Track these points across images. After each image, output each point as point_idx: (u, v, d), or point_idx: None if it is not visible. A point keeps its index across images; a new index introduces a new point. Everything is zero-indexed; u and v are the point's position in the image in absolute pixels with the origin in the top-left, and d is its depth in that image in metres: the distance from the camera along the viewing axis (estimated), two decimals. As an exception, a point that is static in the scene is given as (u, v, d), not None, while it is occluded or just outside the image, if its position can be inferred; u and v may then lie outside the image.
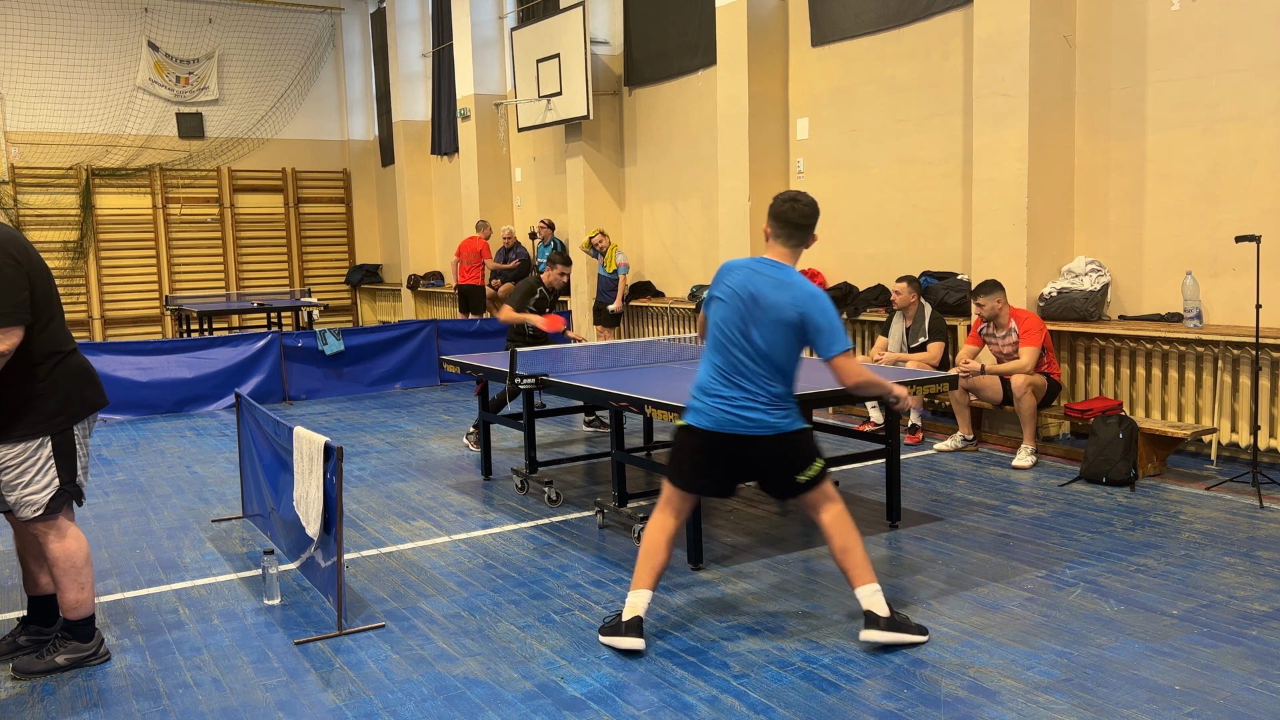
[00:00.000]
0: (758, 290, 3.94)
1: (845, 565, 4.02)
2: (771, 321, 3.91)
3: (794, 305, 3.89)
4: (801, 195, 4.06)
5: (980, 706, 3.45)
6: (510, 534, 5.69)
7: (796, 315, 3.89)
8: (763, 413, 3.95)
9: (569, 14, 12.61)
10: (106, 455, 8.25)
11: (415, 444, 8.33)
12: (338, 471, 4.13)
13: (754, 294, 3.95)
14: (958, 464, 7.01)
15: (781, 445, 4.01)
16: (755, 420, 3.95)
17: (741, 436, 3.98)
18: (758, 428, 3.96)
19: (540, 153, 14.91)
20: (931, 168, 8.91)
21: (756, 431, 3.96)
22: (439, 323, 11.64)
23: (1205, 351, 6.82)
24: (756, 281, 3.97)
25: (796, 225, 4.02)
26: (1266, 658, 3.76)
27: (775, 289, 3.93)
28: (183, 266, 18.62)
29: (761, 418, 3.95)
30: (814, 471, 4.05)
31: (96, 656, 4.03)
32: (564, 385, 5.61)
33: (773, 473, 4.08)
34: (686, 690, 3.65)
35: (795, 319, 3.89)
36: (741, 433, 3.97)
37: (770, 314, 3.91)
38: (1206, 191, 6.92)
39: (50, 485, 3.83)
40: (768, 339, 3.92)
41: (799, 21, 10.15)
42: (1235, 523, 5.44)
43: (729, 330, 3.99)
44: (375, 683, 3.80)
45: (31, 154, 17.25)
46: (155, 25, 18.09)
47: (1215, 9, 6.78)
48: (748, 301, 3.95)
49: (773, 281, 3.95)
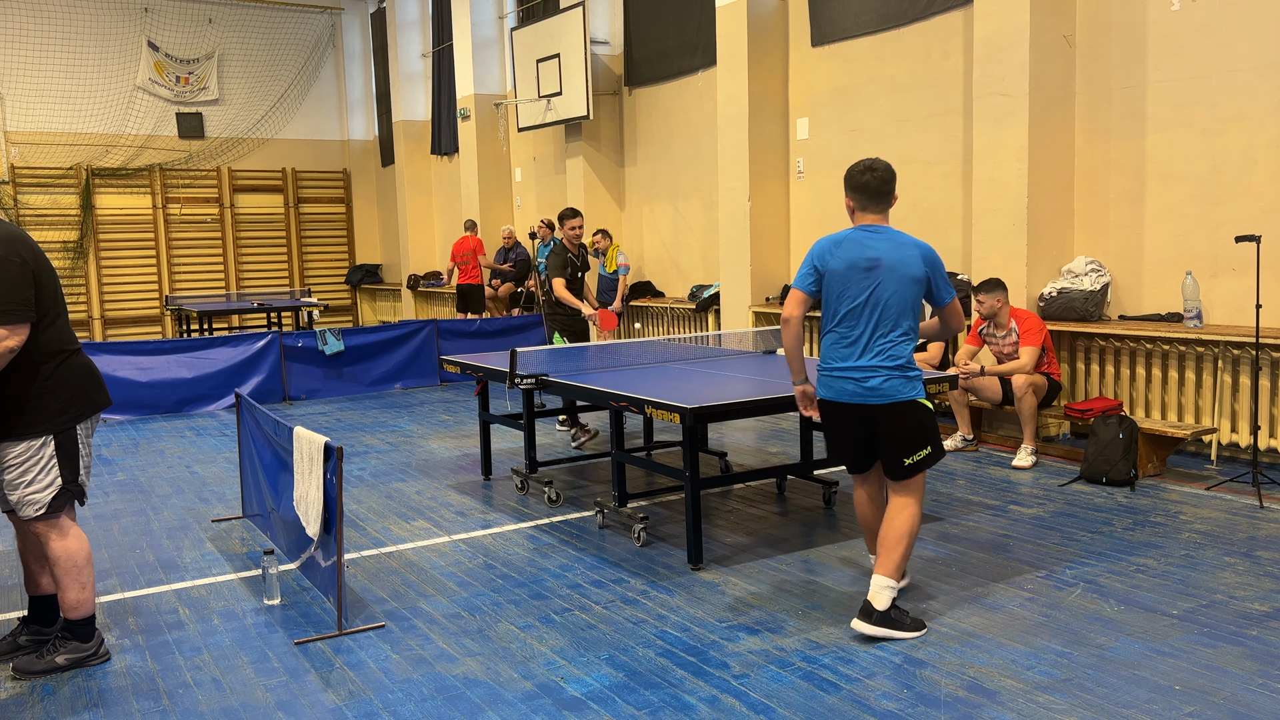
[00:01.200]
0: (879, 255, 4.08)
1: (884, 550, 4.10)
2: (896, 279, 4.05)
3: (921, 260, 4.09)
4: (877, 162, 4.20)
5: (980, 706, 3.45)
6: (510, 534, 5.69)
7: (923, 271, 4.09)
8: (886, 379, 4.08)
9: (569, 14, 12.61)
10: (106, 455, 8.25)
11: (415, 444, 8.32)
12: (338, 471, 4.13)
13: (876, 259, 4.08)
14: (958, 464, 7.01)
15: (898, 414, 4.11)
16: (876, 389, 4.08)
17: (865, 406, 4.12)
18: (880, 396, 4.08)
19: (540, 153, 14.91)
20: (931, 168, 8.91)
21: (878, 400, 4.09)
22: (439, 323, 11.64)
23: (1205, 351, 6.82)
24: (875, 249, 4.10)
25: (879, 192, 4.19)
26: (1266, 658, 3.76)
27: (897, 250, 4.08)
28: (183, 266, 18.62)
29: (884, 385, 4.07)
30: (920, 457, 4.12)
31: (96, 656, 4.03)
32: (564, 385, 5.61)
33: (889, 444, 4.16)
34: (686, 690, 3.65)
35: (922, 274, 4.09)
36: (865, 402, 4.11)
37: (894, 273, 4.05)
38: (1206, 191, 6.92)
39: (53, 484, 3.83)
40: (893, 298, 4.06)
41: (799, 21, 10.15)
42: (1235, 523, 5.44)
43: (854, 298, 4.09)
44: (375, 683, 3.80)
45: (31, 154, 17.25)
46: (155, 25, 18.10)
47: (1215, 9, 6.78)
48: (869, 267, 4.08)
49: (891, 244, 4.10)
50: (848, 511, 5.88)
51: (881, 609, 3.99)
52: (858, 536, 5.39)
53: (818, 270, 4.18)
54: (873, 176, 4.16)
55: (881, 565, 4.05)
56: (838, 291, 4.13)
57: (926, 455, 4.13)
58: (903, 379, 4.08)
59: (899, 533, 4.08)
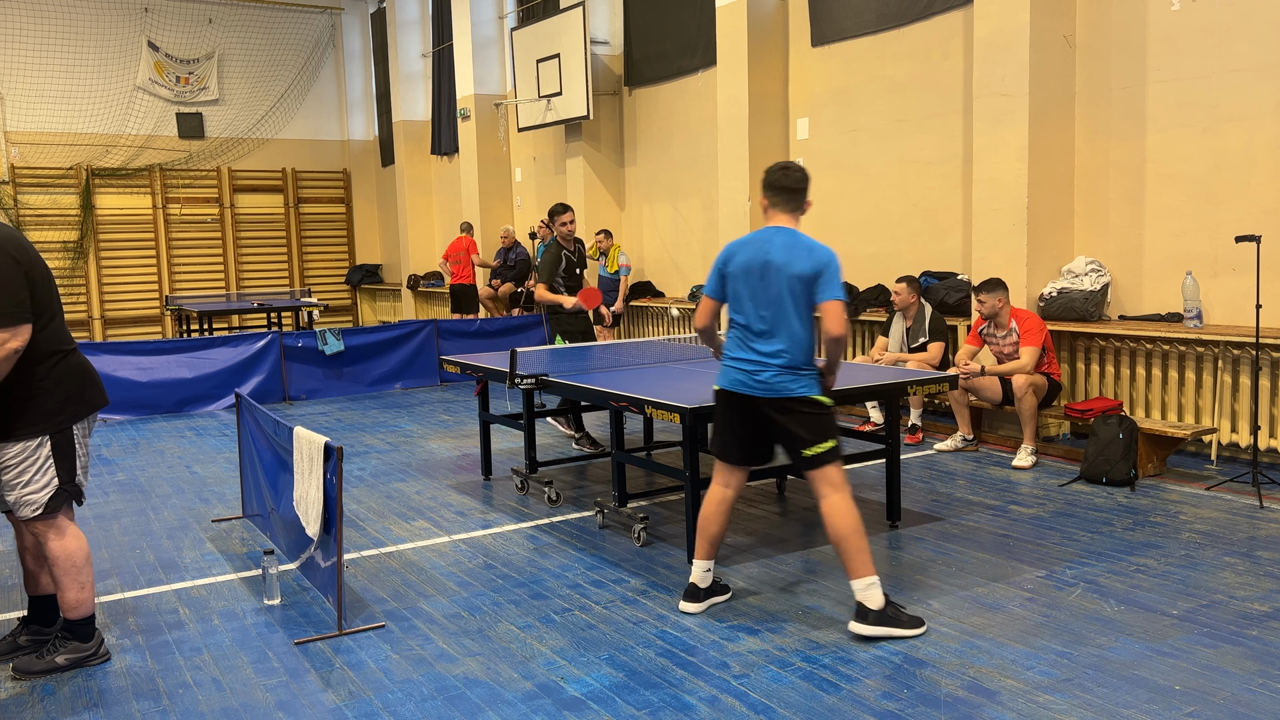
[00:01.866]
0: (770, 257, 4.13)
1: (841, 556, 4.09)
2: (784, 278, 4.09)
3: (808, 259, 4.08)
4: (791, 163, 4.31)
5: (980, 706, 3.45)
6: (510, 534, 5.69)
7: (811, 269, 4.08)
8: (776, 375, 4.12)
9: (569, 14, 12.61)
10: (106, 455, 8.25)
11: (415, 444, 8.32)
12: (338, 471, 4.13)
13: (767, 260, 4.13)
14: (958, 464, 7.01)
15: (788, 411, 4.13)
16: (765, 383, 4.13)
17: (753, 398, 4.17)
18: (767, 390, 4.13)
19: (540, 153, 14.91)
20: (931, 168, 8.90)
21: (765, 394, 4.13)
22: (439, 323, 11.64)
23: (1205, 351, 6.82)
24: (769, 250, 4.15)
25: (791, 190, 4.24)
26: (1266, 658, 3.76)
27: (785, 251, 4.11)
28: (183, 266, 18.63)
29: (772, 380, 4.12)
30: (819, 450, 4.11)
31: (96, 656, 4.03)
32: (564, 385, 5.60)
33: (785, 440, 4.21)
34: (686, 690, 3.65)
35: (809, 273, 4.07)
36: (752, 394, 4.16)
37: (782, 273, 4.09)
38: (1206, 191, 6.92)
39: (49, 485, 3.83)
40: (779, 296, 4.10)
41: (799, 21, 10.15)
42: (1235, 523, 5.44)
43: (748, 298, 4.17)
44: (375, 683, 3.80)
45: (31, 154, 17.25)
46: (155, 25, 18.09)
47: (1215, 9, 6.78)
48: (762, 268, 4.13)
49: (784, 245, 4.13)
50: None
51: (876, 608, 4.00)
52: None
53: (721, 274, 4.30)
54: (785, 175, 4.25)
55: (850, 568, 4.05)
56: (735, 291, 4.23)
57: (829, 449, 4.13)
58: (793, 374, 4.13)
59: (846, 529, 4.07)
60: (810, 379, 4.17)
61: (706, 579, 4.38)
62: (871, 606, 4.00)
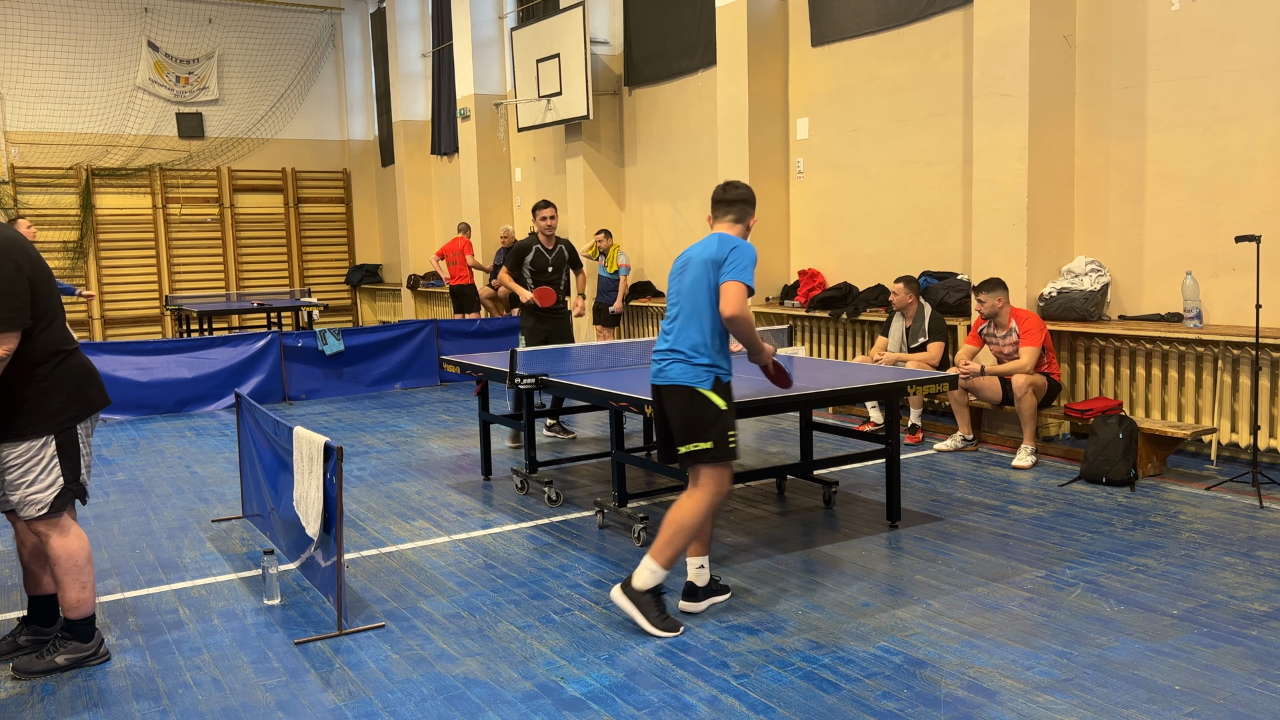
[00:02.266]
0: (692, 252, 4.27)
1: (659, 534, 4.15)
2: (696, 265, 4.19)
3: (719, 247, 4.14)
4: (734, 180, 4.44)
5: (980, 706, 3.45)
6: (510, 534, 5.69)
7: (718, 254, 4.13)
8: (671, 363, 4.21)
9: (569, 14, 12.61)
10: (106, 455, 8.25)
11: (415, 444, 8.32)
12: (338, 471, 4.13)
13: (689, 256, 4.27)
14: (958, 464, 7.01)
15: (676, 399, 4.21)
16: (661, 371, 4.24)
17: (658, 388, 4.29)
18: (663, 379, 4.23)
19: (540, 153, 14.91)
20: (931, 168, 8.90)
21: (662, 383, 4.24)
22: (439, 323, 11.64)
23: (1205, 351, 6.82)
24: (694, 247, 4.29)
25: (729, 201, 4.33)
26: (1266, 658, 3.76)
27: (704, 246, 4.23)
28: (183, 266, 18.62)
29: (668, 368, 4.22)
30: (693, 448, 4.15)
31: (96, 656, 4.03)
32: (564, 385, 5.61)
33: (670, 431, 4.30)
34: (686, 690, 3.65)
35: (717, 258, 4.12)
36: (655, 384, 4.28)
37: (695, 260, 4.20)
38: (1206, 191, 6.92)
39: (54, 484, 3.84)
40: (692, 285, 4.19)
41: (799, 21, 10.15)
42: (1235, 523, 5.44)
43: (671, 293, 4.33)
44: (375, 683, 3.80)
45: (31, 154, 17.25)
46: (155, 25, 18.09)
47: (1215, 9, 6.78)
48: (684, 263, 4.28)
49: (707, 241, 4.26)
50: (848, 511, 5.88)
51: (638, 586, 4.13)
52: (858, 536, 5.39)
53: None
54: (725, 191, 4.34)
55: (652, 547, 4.16)
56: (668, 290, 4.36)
57: (702, 450, 4.13)
58: (686, 364, 4.16)
59: (674, 517, 4.15)
60: (704, 372, 4.13)
61: (703, 575, 4.39)
62: (635, 583, 4.13)
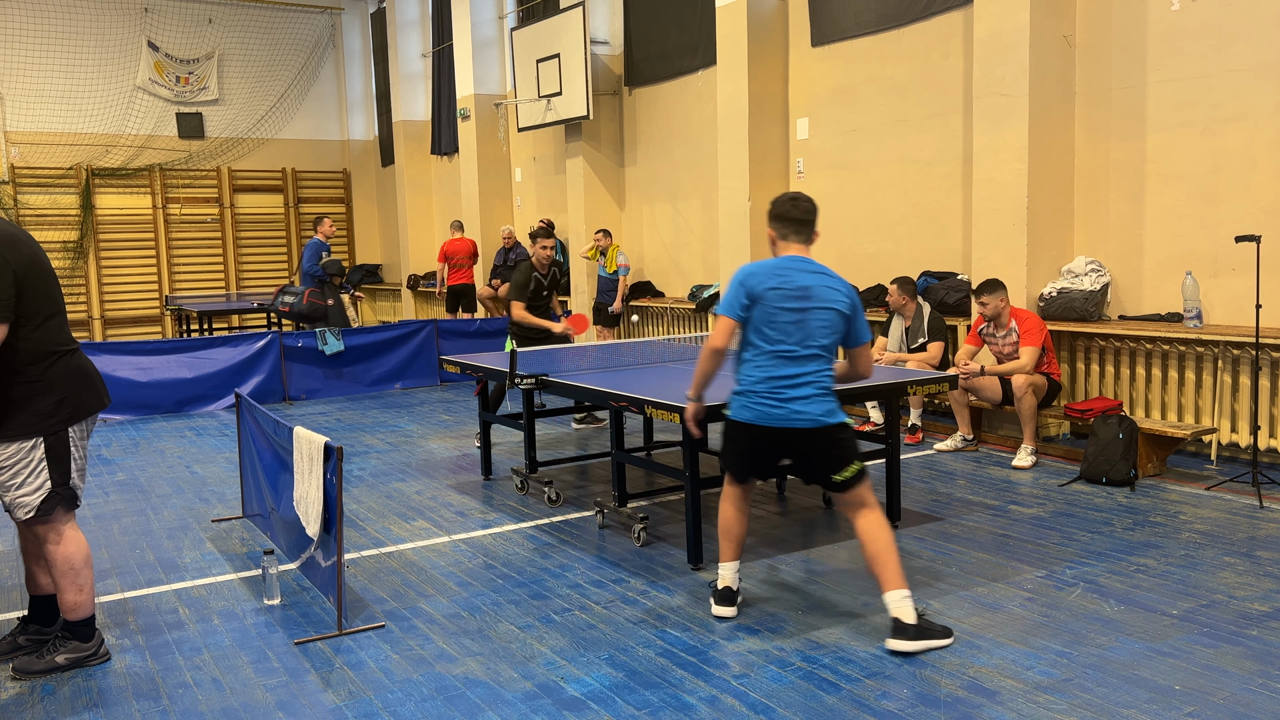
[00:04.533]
0: (807, 284, 4.11)
1: (875, 570, 4.03)
2: (824, 308, 4.10)
3: (847, 296, 4.14)
4: (800, 194, 4.27)
5: (980, 706, 3.45)
6: (510, 534, 5.69)
7: (849, 306, 4.13)
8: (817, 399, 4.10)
9: (569, 14, 12.61)
10: (106, 455, 8.25)
11: (415, 444, 8.32)
12: (338, 471, 4.13)
13: (805, 287, 4.10)
14: (958, 464, 7.01)
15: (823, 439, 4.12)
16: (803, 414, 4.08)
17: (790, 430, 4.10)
18: (806, 420, 4.08)
19: (540, 153, 14.91)
20: (931, 168, 8.90)
21: (805, 424, 4.08)
22: (439, 323, 11.64)
23: (1205, 351, 6.82)
24: (803, 278, 4.12)
25: (802, 221, 4.22)
26: (1266, 658, 3.76)
27: (822, 281, 4.12)
28: (183, 266, 18.62)
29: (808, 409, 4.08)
30: (850, 473, 4.11)
31: (96, 656, 4.03)
32: (564, 385, 5.61)
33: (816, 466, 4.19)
34: (686, 690, 3.65)
35: (848, 309, 4.13)
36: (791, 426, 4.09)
37: (821, 301, 4.10)
38: (1206, 191, 6.92)
39: (42, 488, 3.79)
40: (821, 328, 4.09)
41: (799, 21, 10.15)
42: (1235, 523, 5.44)
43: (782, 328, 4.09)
44: (375, 683, 3.80)
45: (31, 154, 17.25)
46: (155, 25, 18.09)
47: (1215, 9, 6.78)
48: (800, 296, 4.09)
49: (819, 276, 4.13)
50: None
51: (912, 622, 3.91)
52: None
53: (750, 298, 4.12)
54: (795, 206, 4.21)
55: (885, 580, 3.98)
56: (768, 318, 4.09)
57: (860, 470, 4.12)
58: (829, 400, 4.11)
59: (880, 543, 4.03)
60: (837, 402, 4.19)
61: (738, 580, 4.36)
62: (907, 621, 3.91)
